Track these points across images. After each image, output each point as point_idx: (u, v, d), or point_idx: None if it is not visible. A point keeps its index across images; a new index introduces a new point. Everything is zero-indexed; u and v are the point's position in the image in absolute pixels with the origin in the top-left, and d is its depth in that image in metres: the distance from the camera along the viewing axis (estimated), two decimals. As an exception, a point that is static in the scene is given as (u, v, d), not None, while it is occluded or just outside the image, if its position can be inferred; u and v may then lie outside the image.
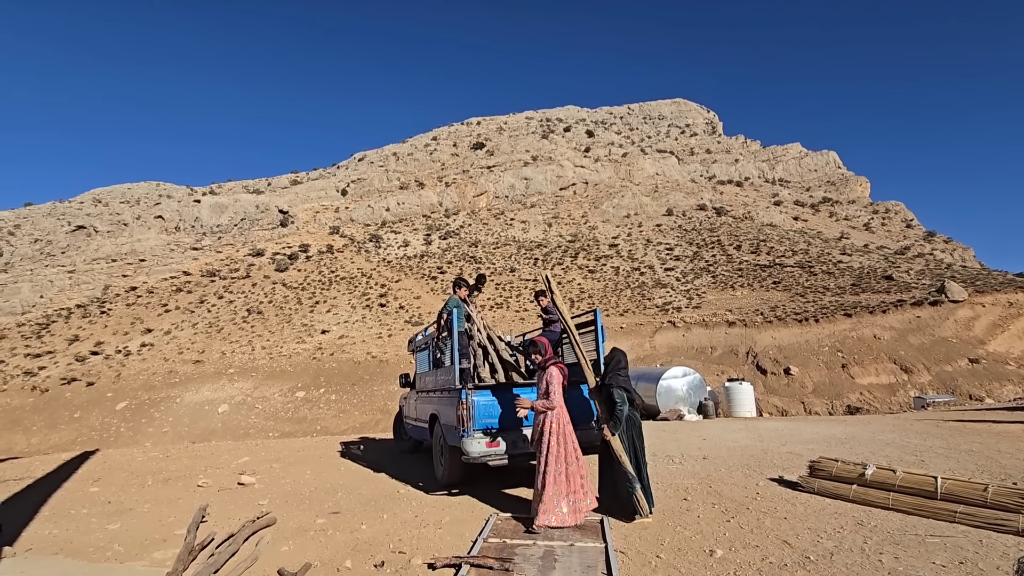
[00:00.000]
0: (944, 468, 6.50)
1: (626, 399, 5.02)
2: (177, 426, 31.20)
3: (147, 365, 41.43)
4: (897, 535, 4.24)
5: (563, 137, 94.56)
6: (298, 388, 33.94)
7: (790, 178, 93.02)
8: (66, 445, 29.23)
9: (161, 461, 9.13)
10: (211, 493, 6.34)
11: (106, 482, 7.06)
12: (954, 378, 28.74)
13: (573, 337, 5.65)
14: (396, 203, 77.89)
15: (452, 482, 6.23)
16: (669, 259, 60.29)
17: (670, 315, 42.50)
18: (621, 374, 5.19)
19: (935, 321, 33.78)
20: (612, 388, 5.07)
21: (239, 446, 10.99)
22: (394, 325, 44.69)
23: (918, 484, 5.00)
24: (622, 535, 4.49)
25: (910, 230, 74.34)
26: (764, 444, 8.89)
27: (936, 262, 57.03)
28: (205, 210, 70.53)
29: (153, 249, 65.30)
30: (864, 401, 28.13)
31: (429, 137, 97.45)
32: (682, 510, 5.16)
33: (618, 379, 5.12)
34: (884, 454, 7.59)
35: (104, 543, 4.43)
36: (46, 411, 35.73)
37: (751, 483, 6.10)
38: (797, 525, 4.58)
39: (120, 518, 5.17)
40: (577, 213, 76.03)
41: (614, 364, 5.28)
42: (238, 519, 5.01)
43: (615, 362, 5.29)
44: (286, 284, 56.87)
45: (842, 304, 39.08)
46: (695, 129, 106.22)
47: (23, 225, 67.70)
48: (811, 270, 51.94)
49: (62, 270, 61.97)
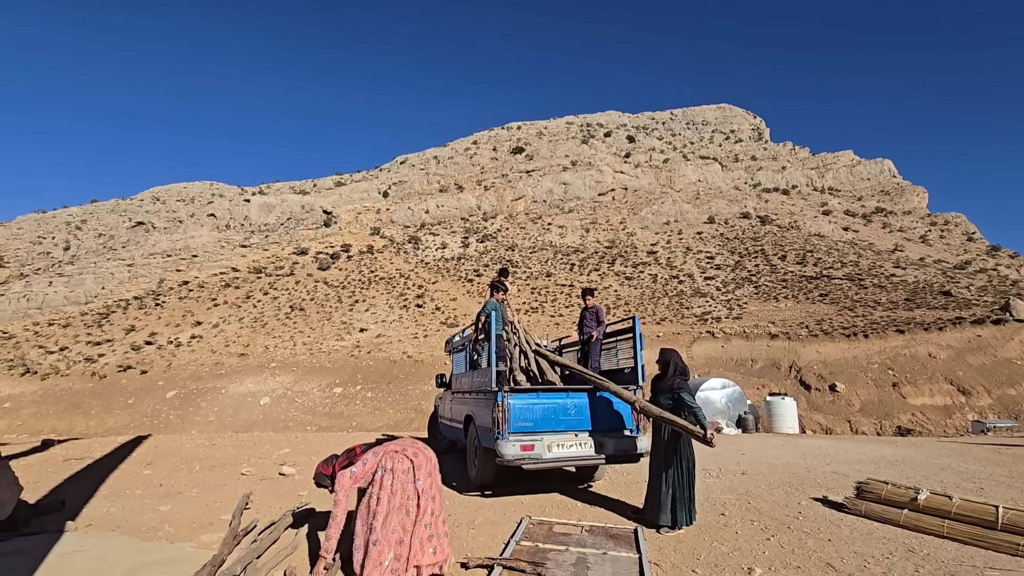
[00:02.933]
0: (1006, 497, 6.10)
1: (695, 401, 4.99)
2: (222, 416, 32.50)
3: (196, 356, 43.33)
4: (952, 565, 4.02)
5: (603, 142, 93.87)
6: (336, 384, 34.80)
7: (840, 187, 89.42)
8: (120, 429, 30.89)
9: (207, 448, 9.54)
10: (254, 481, 6.59)
11: (158, 466, 7.44)
12: (1018, 402, 26.94)
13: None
14: (435, 205, 79.03)
15: (485, 484, 6.26)
16: (710, 268, 58.88)
17: (709, 325, 41.47)
18: (685, 378, 5.21)
19: (998, 341, 31.77)
20: (681, 392, 5.04)
21: (280, 438, 11.37)
22: (430, 326, 45.26)
23: (977, 513, 4.72)
24: (656, 547, 4.41)
25: (971, 244, 70.17)
26: (807, 462, 8.56)
27: (1000, 278, 53.59)
28: (254, 209, 73.43)
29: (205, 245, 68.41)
30: (916, 423, 26.69)
31: (469, 141, 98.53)
32: (719, 525, 5.03)
33: (684, 384, 5.14)
34: (939, 479, 7.18)
35: (156, 523, 4.67)
36: (103, 396, 37.85)
37: (792, 501, 5.89)
38: (842, 548, 4.39)
39: (170, 500, 5.44)
40: (615, 219, 75.24)
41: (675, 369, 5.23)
42: (279, 508, 5.19)
43: (676, 366, 5.24)
44: (327, 283, 58.48)
45: (894, 320, 37.23)
46: (740, 135, 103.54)
47: (89, 220, 72.15)
48: (861, 283, 49.72)
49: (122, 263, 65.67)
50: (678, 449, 5.00)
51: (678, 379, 5.12)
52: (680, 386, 5.06)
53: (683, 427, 4.82)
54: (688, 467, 5.01)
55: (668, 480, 4.92)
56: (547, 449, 5.56)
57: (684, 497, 4.89)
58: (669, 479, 4.92)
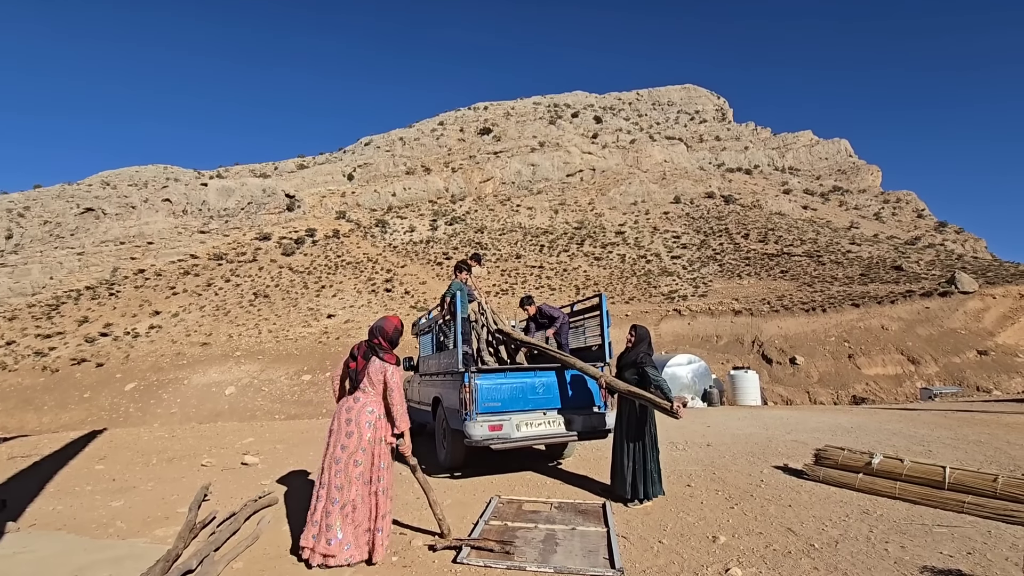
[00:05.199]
0: (952, 458, 6.42)
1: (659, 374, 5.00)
2: (185, 407, 31.58)
3: (155, 347, 41.85)
4: (903, 524, 4.19)
5: (571, 123, 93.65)
6: (304, 371, 34.20)
7: (800, 166, 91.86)
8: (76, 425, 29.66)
9: (166, 441, 9.21)
10: (215, 473, 6.38)
11: (111, 460, 7.12)
12: (962, 370, 28.52)
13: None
14: (402, 188, 77.69)
15: (455, 465, 6.23)
16: (676, 247, 59.94)
17: (676, 303, 42.34)
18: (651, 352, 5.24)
19: (944, 312, 33.46)
20: (645, 367, 5.05)
21: (244, 427, 11.07)
22: (399, 310, 44.79)
23: (926, 474, 4.93)
24: (624, 520, 4.46)
25: (921, 220, 73.42)
26: (769, 432, 8.84)
27: (947, 253, 56.37)
28: (212, 194, 70.64)
29: (161, 232, 65.62)
30: (870, 392, 28.01)
31: (436, 122, 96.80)
32: (685, 496, 5.12)
33: (649, 358, 5.14)
34: (891, 443, 7.51)
35: (107, 520, 4.45)
36: (57, 391, 36.23)
37: (755, 471, 6.05)
38: (801, 513, 4.53)
39: (123, 495, 5.20)
40: (584, 200, 75.56)
41: (643, 342, 5.26)
42: (240, 498, 5.02)
43: (643, 340, 5.28)
44: (292, 268, 57.08)
45: (850, 294, 38.77)
46: (705, 116, 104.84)
47: (32, 207, 68.09)
48: (819, 260, 51.50)
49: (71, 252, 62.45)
50: (641, 423, 5.05)
51: (643, 352, 5.14)
52: (643, 360, 5.08)
53: (650, 400, 4.85)
54: (652, 441, 5.06)
55: (632, 454, 4.97)
56: (515, 428, 5.54)
57: (649, 470, 4.95)
58: (633, 453, 4.97)
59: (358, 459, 3.56)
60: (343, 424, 3.64)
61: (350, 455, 3.55)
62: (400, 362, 3.91)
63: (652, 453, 5.01)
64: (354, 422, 3.61)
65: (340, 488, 3.50)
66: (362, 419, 3.62)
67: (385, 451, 3.70)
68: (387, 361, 3.75)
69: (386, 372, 3.71)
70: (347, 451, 3.55)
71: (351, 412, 3.65)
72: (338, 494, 3.49)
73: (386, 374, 3.71)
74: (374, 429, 3.64)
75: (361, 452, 3.57)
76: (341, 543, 3.44)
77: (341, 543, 3.44)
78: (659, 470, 5.07)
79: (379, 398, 3.74)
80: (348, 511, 3.50)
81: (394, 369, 3.75)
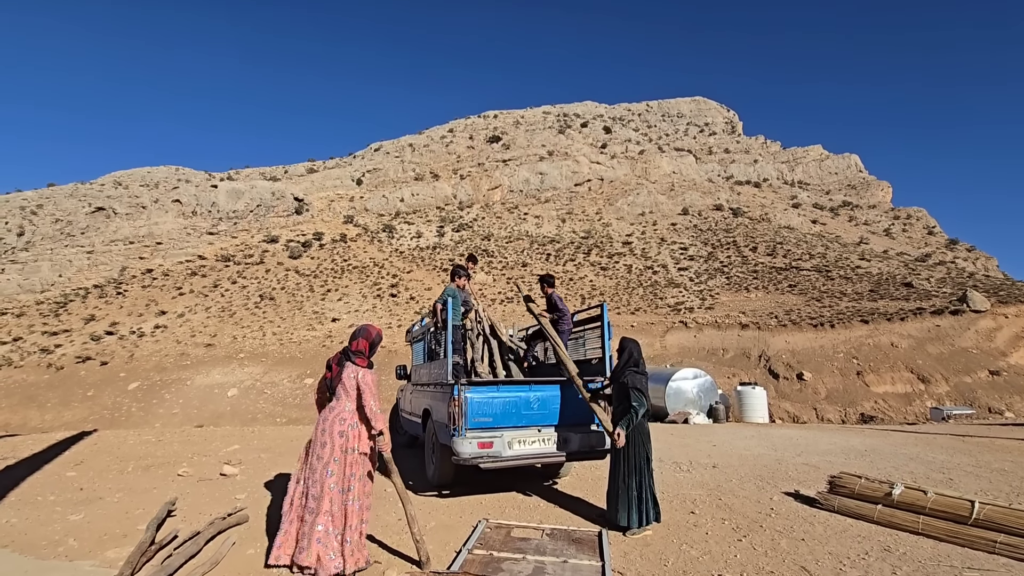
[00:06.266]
0: (975, 488, 5.99)
1: (644, 401, 4.59)
2: (187, 408, 31.36)
3: (160, 347, 41.80)
4: (930, 566, 3.79)
5: (580, 133, 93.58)
6: (307, 375, 33.93)
7: (810, 180, 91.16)
8: (78, 423, 29.52)
9: (151, 445, 8.90)
10: (190, 483, 6.05)
11: (87, 466, 6.81)
12: (973, 390, 27.82)
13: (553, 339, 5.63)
14: (411, 194, 77.73)
15: (443, 483, 5.85)
16: (683, 259, 59.39)
17: (682, 315, 41.80)
18: (639, 370, 4.78)
19: (955, 331, 32.75)
20: (629, 388, 4.64)
21: (232, 432, 10.75)
22: (404, 316, 44.54)
23: (952, 508, 4.53)
24: (621, 552, 4.08)
25: (932, 237, 72.44)
26: (778, 454, 8.41)
27: (958, 271, 55.41)
28: (222, 195, 70.96)
29: (170, 232, 65.87)
30: (879, 410, 27.35)
31: (445, 129, 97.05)
32: (689, 525, 4.74)
33: (635, 378, 4.70)
34: (908, 470, 7.08)
35: (60, 536, 4.12)
36: (60, 388, 36.16)
37: (764, 497, 5.65)
38: (816, 549, 4.14)
39: (86, 508, 4.87)
40: (591, 209, 75.22)
41: (628, 358, 4.84)
42: (210, 514, 4.69)
43: (629, 356, 4.86)
44: (299, 271, 57.07)
45: (859, 310, 38.08)
46: (714, 128, 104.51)
47: (45, 205, 68.71)
48: (828, 274, 50.77)
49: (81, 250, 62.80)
50: (637, 446, 4.66)
51: (629, 370, 4.76)
52: (628, 378, 4.70)
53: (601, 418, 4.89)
54: (647, 464, 4.67)
55: (628, 478, 4.58)
56: (507, 446, 5.18)
57: (645, 498, 4.56)
58: (629, 477, 4.59)
59: (331, 469, 3.50)
60: (318, 435, 3.63)
61: (324, 465, 3.51)
62: (372, 366, 3.88)
63: (648, 478, 4.62)
64: (327, 432, 3.58)
65: (317, 498, 3.43)
66: (334, 428, 3.58)
67: (358, 460, 3.60)
68: (358, 365, 3.74)
69: (357, 376, 3.69)
70: (321, 461, 3.52)
71: (325, 422, 3.63)
72: (314, 503, 3.44)
73: (357, 377, 3.69)
74: (346, 438, 3.58)
75: (334, 462, 3.51)
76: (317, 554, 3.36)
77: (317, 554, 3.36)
78: (654, 496, 4.68)
79: (353, 405, 3.69)
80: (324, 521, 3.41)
81: (364, 372, 3.73)
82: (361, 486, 3.59)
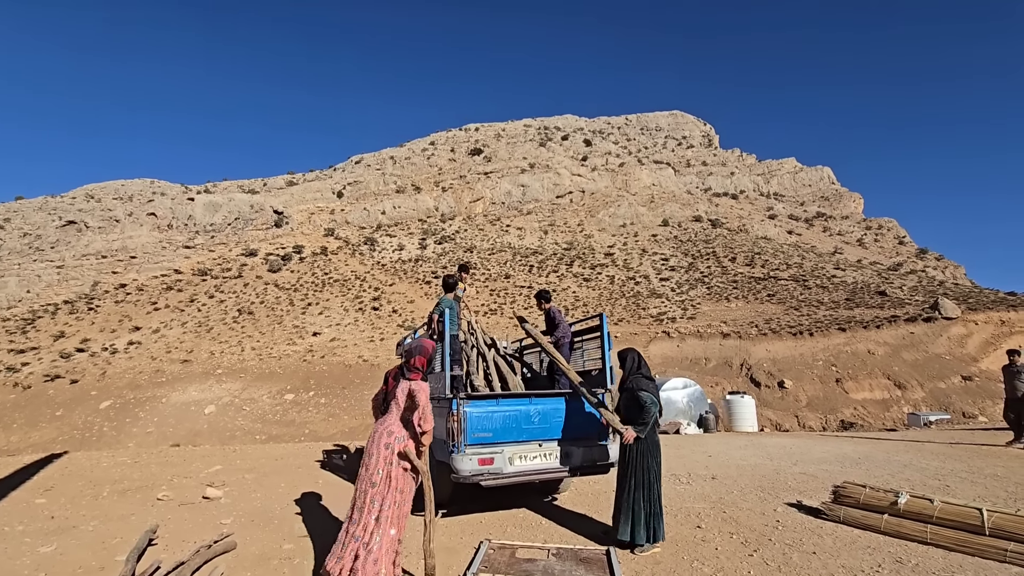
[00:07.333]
0: (973, 495, 6.00)
1: (657, 401, 4.49)
2: (162, 426, 30.29)
3: (134, 363, 40.48)
4: (944, 577, 3.72)
5: (561, 145, 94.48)
6: (287, 390, 33.14)
7: (785, 192, 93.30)
8: (46, 444, 28.28)
9: (127, 468, 8.46)
10: (170, 508, 5.71)
11: (58, 492, 6.40)
12: (947, 395, 28.45)
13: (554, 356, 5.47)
14: (392, 207, 77.31)
15: (441, 501, 5.63)
16: (664, 269, 59.98)
17: (664, 325, 42.08)
18: (646, 376, 4.68)
19: (928, 337, 33.57)
20: (637, 391, 4.54)
21: (213, 452, 10.31)
22: (387, 329, 43.98)
23: (960, 516, 4.48)
24: (631, 570, 3.94)
25: (903, 246, 74.55)
26: (774, 463, 8.36)
27: (928, 279, 57.02)
28: (199, 208, 69.63)
29: (145, 246, 64.28)
30: (858, 416, 27.73)
31: (427, 142, 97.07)
32: (697, 540, 4.61)
33: (643, 382, 4.61)
34: (904, 477, 7.08)
35: (29, 571, 3.79)
36: (28, 408, 34.67)
37: (768, 508, 5.56)
38: (829, 562, 4.04)
39: (58, 538, 4.53)
40: (573, 221, 75.71)
41: (633, 365, 4.77)
42: (194, 541, 4.40)
43: (634, 363, 4.78)
44: (278, 285, 56.07)
45: (836, 318, 38.83)
46: (692, 141, 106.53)
47: (12, 219, 66.51)
48: (805, 284, 51.75)
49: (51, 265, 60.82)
50: (647, 458, 4.54)
51: (635, 376, 4.67)
52: (634, 383, 4.63)
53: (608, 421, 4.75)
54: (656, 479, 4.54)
55: (636, 494, 4.44)
56: (508, 462, 5.01)
57: (654, 512, 4.42)
58: (637, 493, 4.44)
59: (375, 480, 3.58)
60: (368, 447, 3.75)
61: (369, 476, 3.60)
62: (427, 379, 4.03)
63: (656, 492, 4.48)
64: (375, 443, 3.69)
65: (360, 510, 3.53)
66: (381, 441, 3.67)
67: (398, 473, 3.62)
68: (411, 379, 3.85)
69: (409, 387, 3.78)
70: (368, 472, 3.61)
71: (374, 435, 3.75)
72: (357, 515, 3.53)
73: (410, 388, 3.78)
74: (391, 451, 3.65)
75: (377, 474, 3.58)
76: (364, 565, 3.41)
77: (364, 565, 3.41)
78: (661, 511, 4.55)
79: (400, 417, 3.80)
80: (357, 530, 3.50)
81: (418, 384, 3.82)
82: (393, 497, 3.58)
